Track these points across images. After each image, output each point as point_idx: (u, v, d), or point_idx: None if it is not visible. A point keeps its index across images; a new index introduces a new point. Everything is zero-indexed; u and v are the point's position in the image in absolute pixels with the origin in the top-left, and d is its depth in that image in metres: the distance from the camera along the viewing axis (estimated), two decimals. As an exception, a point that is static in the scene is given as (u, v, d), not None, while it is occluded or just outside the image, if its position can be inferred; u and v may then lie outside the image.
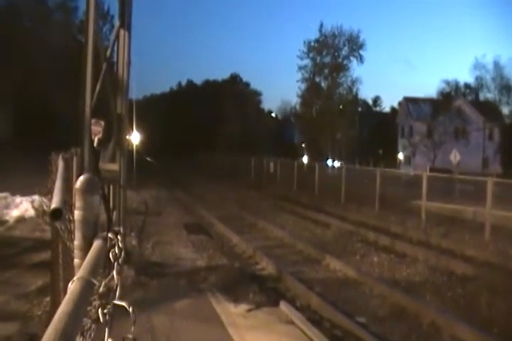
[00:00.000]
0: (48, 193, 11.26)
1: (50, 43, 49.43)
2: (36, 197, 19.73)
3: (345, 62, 78.40)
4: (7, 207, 19.55)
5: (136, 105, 33.52)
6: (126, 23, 8.62)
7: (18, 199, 20.42)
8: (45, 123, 47.82)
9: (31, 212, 18.72)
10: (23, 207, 19.43)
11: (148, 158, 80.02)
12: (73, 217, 2.84)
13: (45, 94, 47.24)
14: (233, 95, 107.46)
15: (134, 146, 38.87)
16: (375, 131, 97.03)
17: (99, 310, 2.19)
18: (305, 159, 63.17)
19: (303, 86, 79.96)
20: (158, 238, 16.48)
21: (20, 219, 18.05)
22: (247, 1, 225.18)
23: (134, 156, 35.70)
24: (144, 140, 48.49)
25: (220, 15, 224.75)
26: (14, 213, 18.75)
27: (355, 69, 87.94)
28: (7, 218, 18.22)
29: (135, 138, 40.52)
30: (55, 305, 6.00)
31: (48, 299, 8.41)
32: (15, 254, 13.09)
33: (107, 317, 2.22)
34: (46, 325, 1.45)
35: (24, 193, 20.70)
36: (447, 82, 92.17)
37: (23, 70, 45.80)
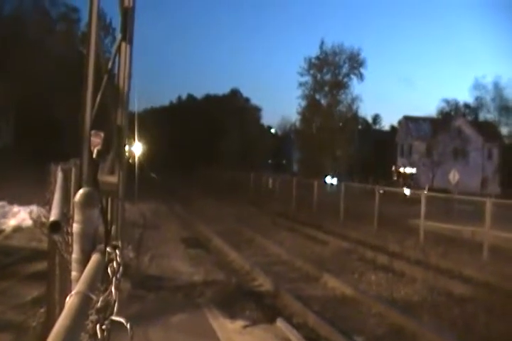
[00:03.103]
0: (46, 204, 11.20)
1: (52, 53, 49.61)
2: (34, 207, 19.69)
3: (345, 79, 78.74)
4: (4, 216, 19.50)
5: (136, 118, 33.51)
6: (128, 36, 8.62)
7: (15, 208, 20.38)
8: (45, 133, 47.91)
9: (29, 222, 18.67)
10: (20, 216, 19.39)
11: (152, 175, 79.98)
12: (71, 229, 2.80)
13: (46, 104, 47.34)
14: (233, 110, 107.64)
15: (136, 159, 38.85)
16: (375, 149, 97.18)
17: (97, 325, 2.15)
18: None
19: (303, 103, 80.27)
20: (155, 251, 16.43)
21: (18, 229, 17.99)
22: (249, 17, 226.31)
23: (136, 169, 35.70)
24: (144, 153, 48.49)
25: (221, 30, 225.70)
26: (11, 222, 18.70)
27: (356, 87, 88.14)
28: (4, 227, 18.17)
29: (137, 150, 40.48)
30: (50, 316, 5.95)
31: (43, 310, 8.34)
32: (11, 264, 13.02)
33: (105, 332, 2.18)
34: (41, 337, 1.42)
35: (22, 202, 20.67)
36: (447, 102, 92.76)
37: (25, 80, 45.89)
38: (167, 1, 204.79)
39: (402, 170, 78.82)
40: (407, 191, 38.64)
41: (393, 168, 77.93)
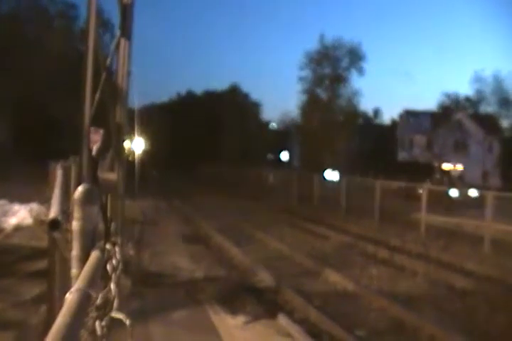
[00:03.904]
0: (46, 202, 11.20)
1: (50, 51, 49.49)
2: (34, 205, 19.68)
3: (345, 73, 78.66)
4: (5, 214, 19.47)
5: (136, 114, 33.50)
6: (126, 32, 8.61)
7: (16, 206, 20.34)
8: (44, 131, 47.86)
9: (29, 220, 18.65)
10: (20, 214, 19.36)
11: (154, 172, 79.87)
12: (71, 226, 2.80)
13: (45, 102, 47.28)
14: (233, 106, 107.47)
15: (136, 155, 38.82)
16: (375, 143, 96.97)
17: (97, 322, 2.16)
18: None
19: (303, 97, 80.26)
20: (155, 248, 16.44)
21: (18, 227, 17.97)
22: (248, 12, 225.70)
23: (136, 166, 35.69)
24: (144, 149, 48.48)
25: (221, 25, 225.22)
26: (12, 221, 18.67)
27: (356, 81, 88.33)
28: (4, 225, 18.16)
29: (138, 146, 40.45)
30: (51, 314, 5.95)
31: (44, 308, 8.34)
32: (12, 262, 13.02)
33: (104, 329, 2.19)
34: (42, 334, 1.42)
35: (22, 201, 20.65)
36: (447, 95, 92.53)
37: (24, 78, 45.84)
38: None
39: (447, 167, 74.38)
40: (453, 192, 33.20)
41: (436, 165, 70.56)
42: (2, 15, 56.08)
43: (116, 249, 2.66)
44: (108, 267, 2.54)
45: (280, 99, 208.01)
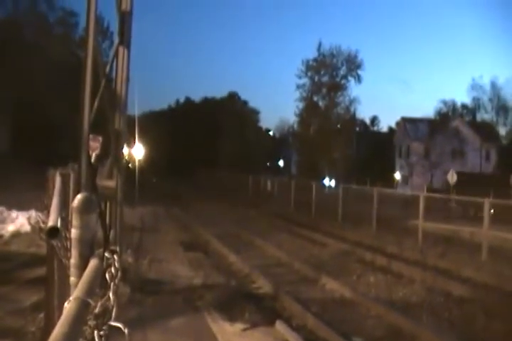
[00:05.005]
0: (44, 209, 11.19)
1: (49, 57, 49.44)
2: (33, 213, 19.64)
3: (343, 81, 78.93)
4: (3, 221, 19.42)
5: (137, 121, 33.47)
6: (125, 40, 8.63)
7: (14, 213, 20.28)
8: (43, 137, 47.77)
9: (27, 227, 18.60)
10: (19, 221, 19.31)
11: (154, 180, 79.69)
12: (70, 234, 2.81)
13: (44, 108, 47.23)
14: (231, 113, 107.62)
15: (137, 162, 38.80)
16: (373, 150, 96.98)
17: (95, 331, 2.16)
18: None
19: (301, 105, 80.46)
20: (154, 255, 16.39)
21: (16, 234, 17.93)
22: (247, 20, 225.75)
23: (136, 173, 35.67)
24: (143, 156, 48.49)
25: (219, 33, 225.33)
26: (10, 228, 18.63)
27: (353, 88, 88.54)
28: (3, 232, 18.12)
29: (138, 152, 40.41)
30: (49, 321, 5.95)
31: (42, 316, 8.32)
32: (10, 269, 12.98)
33: (103, 338, 2.19)
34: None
35: (20, 208, 20.60)
36: (444, 103, 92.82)
37: (23, 84, 45.79)
38: (164, 6, 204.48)
39: None
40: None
41: None
42: (1, 19, 55.92)
43: (115, 257, 2.67)
44: (107, 275, 2.55)
45: (278, 107, 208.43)
